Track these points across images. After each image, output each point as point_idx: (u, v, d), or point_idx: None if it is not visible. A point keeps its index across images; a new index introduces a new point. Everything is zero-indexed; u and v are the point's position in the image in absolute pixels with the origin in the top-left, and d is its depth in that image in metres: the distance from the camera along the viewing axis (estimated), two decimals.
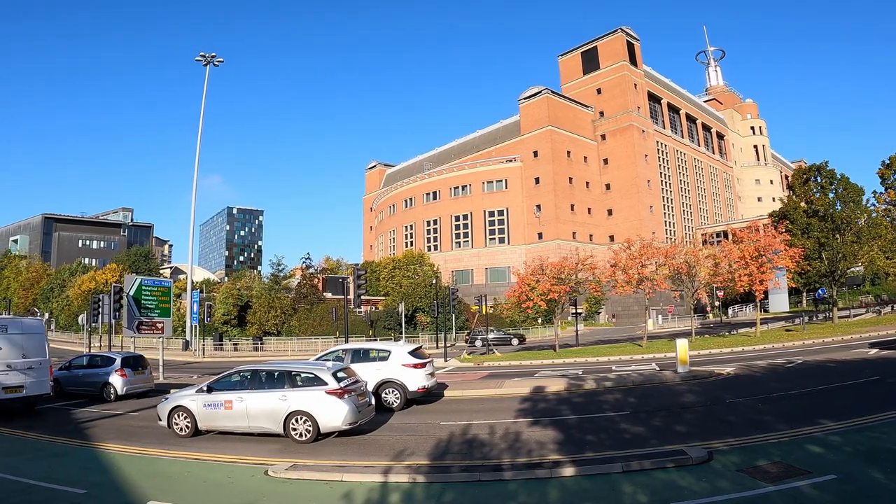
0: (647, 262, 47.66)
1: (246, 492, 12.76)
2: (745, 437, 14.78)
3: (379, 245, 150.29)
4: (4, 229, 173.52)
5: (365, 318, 78.31)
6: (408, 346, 25.37)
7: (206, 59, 60.51)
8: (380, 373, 23.63)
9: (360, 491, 12.34)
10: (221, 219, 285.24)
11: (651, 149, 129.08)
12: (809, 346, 38.04)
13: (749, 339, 44.77)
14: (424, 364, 24.01)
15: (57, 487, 13.13)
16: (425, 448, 16.30)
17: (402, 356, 23.94)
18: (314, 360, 24.09)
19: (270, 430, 18.45)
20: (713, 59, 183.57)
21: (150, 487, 13.10)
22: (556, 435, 16.98)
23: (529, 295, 48.42)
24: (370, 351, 25.48)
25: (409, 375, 23.45)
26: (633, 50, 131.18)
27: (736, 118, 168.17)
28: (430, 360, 25.12)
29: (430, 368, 24.66)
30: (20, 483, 13.54)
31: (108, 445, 17.86)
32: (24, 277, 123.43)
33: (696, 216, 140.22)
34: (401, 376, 23.44)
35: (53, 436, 19.68)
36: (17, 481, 13.67)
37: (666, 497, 10.65)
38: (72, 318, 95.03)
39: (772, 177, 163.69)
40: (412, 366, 23.64)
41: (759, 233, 48.51)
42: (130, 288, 37.87)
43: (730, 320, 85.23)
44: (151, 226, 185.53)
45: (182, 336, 70.53)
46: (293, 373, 19.00)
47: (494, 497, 11.57)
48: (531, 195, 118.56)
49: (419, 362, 23.86)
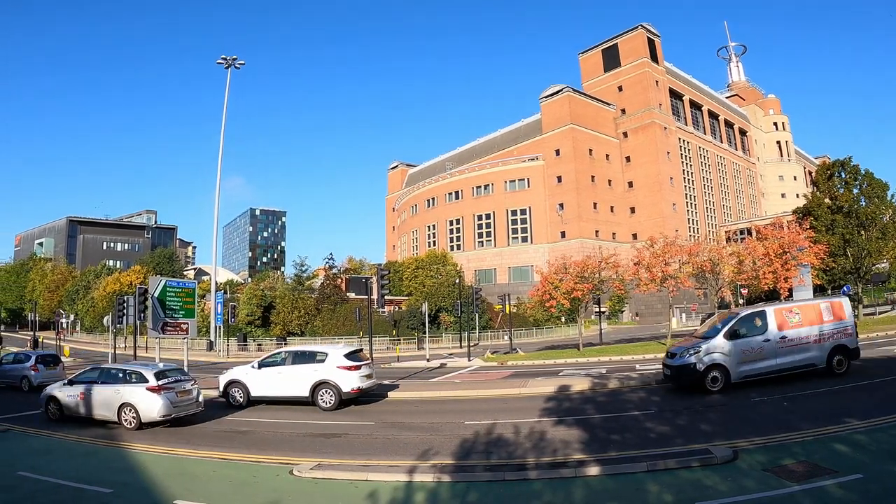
0: (671, 260, 47.32)
1: (271, 491, 12.87)
2: (770, 436, 14.68)
3: (402, 245, 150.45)
4: (30, 232, 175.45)
5: (388, 318, 78.54)
6: (345, 348, 26.38)
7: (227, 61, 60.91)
8: (317, 374, 24.94)
9: (385, 490, 12.41)
10: (244, 220, 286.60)
11: (673, 146, 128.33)
12: None
13: None
14: (360, 366, 25.08)
15: (84, 486, 13.33)
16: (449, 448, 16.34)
17: (337, 359, 24.99)
18: (258, 360, 26.65)
19: (108, 418, 21.73)
20: (734, 55, 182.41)
21: (176, 487, 13.27)
22: (580, 434, 17.03)
23: (553, 294, 48.34)
24: (308, 353, 26.85)
25: (343, 377, 24.58)
26: (653, 47, 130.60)
27: (758, 114, 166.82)
28: (367, 363, 26.12)
29: (367, 371, 25.62)
30: (48, 482, 13.76)
31: (134, 445, 18.12)
32: (49, 280, 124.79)
33: (720, 213, 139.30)
34: (335, 378, 24.58)
35: (81, 436, 19.98)
36: (45, 480, 13.89)
37: (691, 496, 10.66)
38: (97, 320, 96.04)
39: (795, 173, 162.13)
40: (347, 368, 24.71)
41: (784, 229, 48.05)
42: (155, 289, 38.19)
43: None
44: (175, 228, 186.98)
45: (206, 337, 71.01)
46: (126, 371, 22.38)
47: (519, 496, 11.61)
48: (553, 194, 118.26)
49: (354, 365, 24.92)
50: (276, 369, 25.63)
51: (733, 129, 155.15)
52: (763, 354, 22.51)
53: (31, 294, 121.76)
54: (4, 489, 13.33)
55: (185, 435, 20.19)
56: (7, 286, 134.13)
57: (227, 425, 22.11)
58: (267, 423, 22.48)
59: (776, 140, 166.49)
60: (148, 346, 65.85)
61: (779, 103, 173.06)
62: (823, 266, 50.29)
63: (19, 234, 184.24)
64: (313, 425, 21.46)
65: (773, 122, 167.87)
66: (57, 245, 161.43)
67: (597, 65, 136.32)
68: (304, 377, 24.82)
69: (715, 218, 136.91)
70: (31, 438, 19.78)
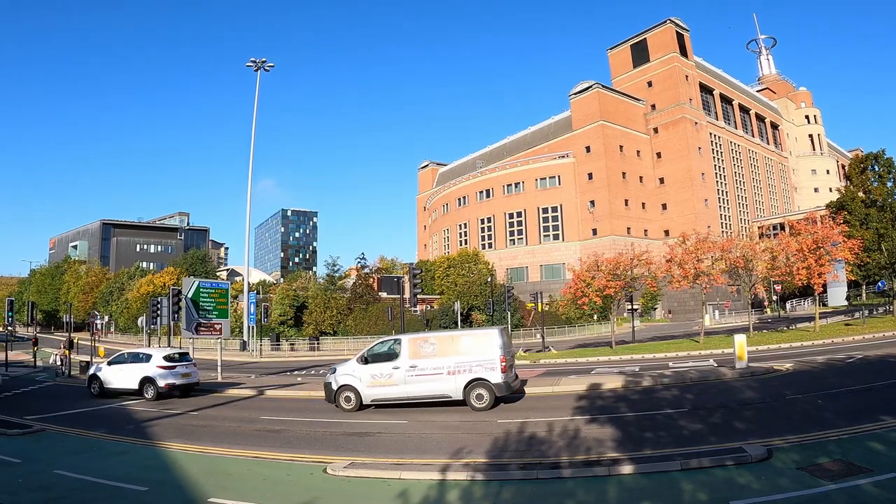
0: (704, 257, 47.08)
1: (305, 489, 12.94)
2: (805, 435, 14.54)
3: (433, 244, 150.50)
4: (64, 235, 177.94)
5: (420, 317, 78.72)
6: (166, 351, 32.44)
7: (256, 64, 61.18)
8: (143, 371, 30.36)
9: (418, 488, 12.48)
10: (276, 221, 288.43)
11: (704, 141, 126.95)
12: (869, 341, 37.25)
13: (808, 333, 43.81)
14: (174, 366, 30.79)
15: (120, 485, 13.52)
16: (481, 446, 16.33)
17: (158, 359, 30.77)
18: None
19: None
20: (764, 48, 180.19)
21: (210, 485, 13.40)
22: (613, 432, 16.98)
23: (585, 291, 48.34)
24: (136, 354, 32.86)
25: (160, 374, 30.17)
26: (682, 41, 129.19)
27: (790, 107, 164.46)
28: (184, 364, 31.67)
29: (184, 370, 31.19)
30: (84, 481, 13.96)
31: (169, 444, 18.36)
32: (83, 282, 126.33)
33: (752, 209, 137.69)
34: (155, 374, 30.14)
35: (116, 434, 20.31)
36: (81, 479, 14.10)
37: (725, 495, 10.58)
38: (131, 321, 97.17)
39: (828, 166, 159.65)
40: (164, 367, 30.38)
41: (817, 224, 47.65)
42: (189, 290, 38.76)
43: (787, 315, 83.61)
44: (207, 229, 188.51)
45: (239, 337, 71.61)
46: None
47: (552, 495, 11.59)
48: (584, 191, 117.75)
49: (170, 365, 30.66)
50: None
51: (765, 123, 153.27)
52: (393, 381, 23.87)
53: (65, 296, 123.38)
54: (42, 488, 13.51)
55: (219, 433, 20.48)
56: (42, 288, 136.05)
57: (261, 424, 22.36)
58: (300, 421, 22.75)
59: (808, 133, 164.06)
60: (182, 346, 66.50)
61: (810, 96, 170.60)
62: (858, 261, 49.84)
63: (54, 238, 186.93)
64: (345, 424, 21.66)
65: (804, 116, 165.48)
66: (91, 248, 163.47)
67: (626, 60, 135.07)
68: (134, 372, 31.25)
69: (747, 213, 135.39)
70: (68, 438, 20.14)
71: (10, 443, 19.09)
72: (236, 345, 70.45)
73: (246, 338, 66.08)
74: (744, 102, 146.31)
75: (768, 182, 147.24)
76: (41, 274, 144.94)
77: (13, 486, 13.61)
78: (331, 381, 25.22)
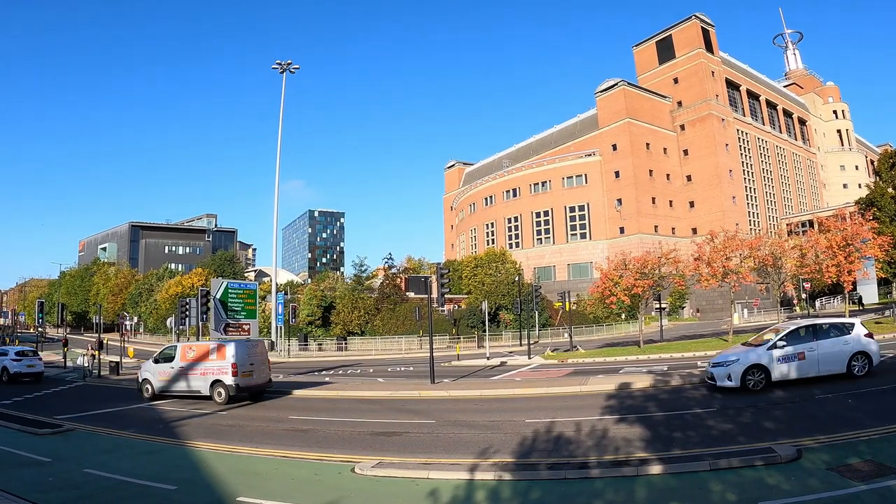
0: (732, 255, 46.73)
1: (333, 489, 13.05)
2: (835, 435, 14.44)
3: (460, 243, 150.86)
4: (93, 238, 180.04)
5: (448, 317, 78.79)
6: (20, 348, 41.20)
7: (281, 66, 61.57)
8: None
9: (446, 488, 12.53)
10: (303, 222, 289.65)
11: (732, 137, 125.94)
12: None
13: None
14: (21, 360, 40.48)
15: (149, 483, 13.76)
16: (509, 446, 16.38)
17: (12, 354, 40.49)
18: None
19: None
20: (791, 42, 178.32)
21: (239, 484, 13.58)
22: (642, 432, 16.99)
23: (613, 290, 48.17)
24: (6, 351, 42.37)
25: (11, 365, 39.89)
26: (708, 37, 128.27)
27: (817, 102, 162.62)
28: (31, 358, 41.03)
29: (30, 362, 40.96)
30: (113, 479, 14.25)
31: (198, 444, 18.62)
32: (112, 283, 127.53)
33: (780, 205, 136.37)
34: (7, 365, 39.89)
35: (145, 434, 20.64)
36: (111, 478, 14.39)
37: (755, 496, 10.58)
38: (160, 322, 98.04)
39: (857, 162, 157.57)
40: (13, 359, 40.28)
41: (846, 221, 47.20)
42: (217, 291, 39.12)
43: (817, 313, 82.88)
44: (235, 230, 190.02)
45: (268, 337, 71.94)
46: None
47: (581, 495, 11.65)
48: (611, 189, 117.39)
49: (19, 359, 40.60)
50: None
51: (792, 118, 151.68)
52: (173, 377, 30.25)
53: (95, 297, 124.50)
54: (72, 486, 13.79)
55: (248, 433, 20.72)
56: (72, 290, 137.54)
57: (289, 424, 22.56)
58: (328, 421, 22.90)
59: (836, 129, 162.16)
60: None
61: (838, 91, 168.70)
62: (888, 258, 49.26)
63: (83, 240, 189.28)
64: (373, 423, 21.81)
65: (832, 111, 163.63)
66: (120, 250, 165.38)
67: (651, 57, 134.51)
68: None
69: (776, 210, 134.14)
70: (98, 437, 20.53)
71: (41, 442, 19.55)
72: None
73: (274, 338, 66.56)
74: (771, 98, 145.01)
75: (796, 178, 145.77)
76: (71, 276, 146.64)
77: (44, 485, 13.90)
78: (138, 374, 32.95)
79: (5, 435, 20.78)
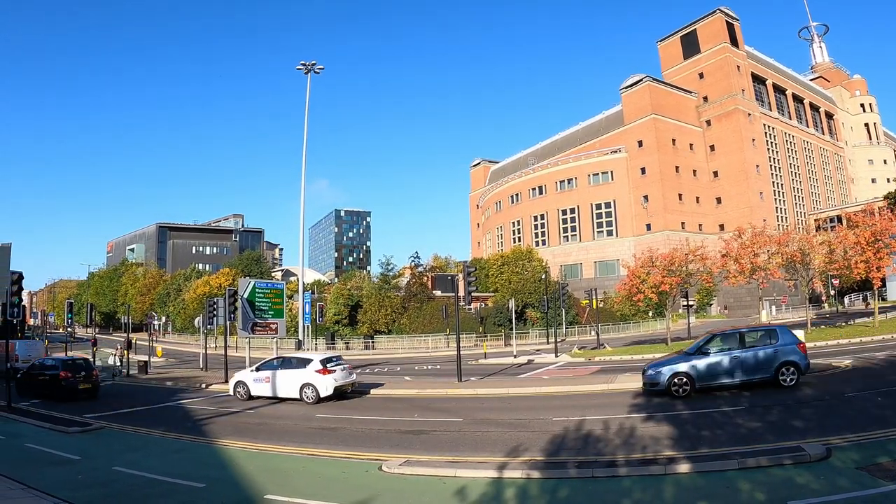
0: (760, 251, 46.48)
1: (360, 487, 13.13)
2: (865, 433, 14.34)
3: (486, 242, 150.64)
4: (121, 239, 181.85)
5: (475, 315, 78.86)
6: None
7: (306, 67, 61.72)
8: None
9: (474, 486, 12.60)
10: (330, 221, 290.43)
11: (758, 133, 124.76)
12: None
13: (867, 329, 43.00)
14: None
15: (177, 481, 13.97)
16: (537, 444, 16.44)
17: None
18: None
19: None
20: (817, 35, 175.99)
21: (266, 482, 13.75)
22: (670, 430, 17.00)
23: (640, 287, 48.10)
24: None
25: None
26: (733, 31, 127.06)
27: (844, 96, 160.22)
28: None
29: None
30: (142, 477, 14.50)
31: (225, 442, 18.88)
32: (140, 284, 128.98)
33: (808, 201, 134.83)
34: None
35: (173, 432, 20.96)
36: (140, 475, 14.64)
37: (783, 495, 10.53)
38: (188, 322, 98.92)
39: (885, 156, 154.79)
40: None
41: (875, 216, 46.69)
42: (244, 291, 39.51)
43: (846, 310, 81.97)
44: (262, 231, 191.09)
45: (295, 336, 72.23)
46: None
47: (609, 493, 11.69)
48: (637, 186, 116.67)
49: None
50: None
51: (819, 112, 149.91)
52: None
53: (123, 297, 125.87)
54: (101, 483, 14.09)
55: (275, 432, 20.91)
56: (101, 290, 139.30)
57: (316, 422, 22.73)
58: (355, 419, 23.10)
59: (864, 122, 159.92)
60: (238, 345, 67.49)
61: (865, 84, 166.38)
62: None
63: (111, 241, 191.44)
64: (400, 422, 21.95)
65: (859, 104, 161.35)
66: (147, 250, 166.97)
67: (676, 52, 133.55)
68: None
69: (803, 206, 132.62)
70: (127, 436, 20.90)
71: (70, 440, 19.98)
72: (291, 344, 71.07)
73: (301, 337, 66.67)
74: (797, 92, 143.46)
75: (824, 173, 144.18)
76: (99, 276, 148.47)
77: (73, 483, 14.22)
78: None
79: (36, 433, 21.25)
